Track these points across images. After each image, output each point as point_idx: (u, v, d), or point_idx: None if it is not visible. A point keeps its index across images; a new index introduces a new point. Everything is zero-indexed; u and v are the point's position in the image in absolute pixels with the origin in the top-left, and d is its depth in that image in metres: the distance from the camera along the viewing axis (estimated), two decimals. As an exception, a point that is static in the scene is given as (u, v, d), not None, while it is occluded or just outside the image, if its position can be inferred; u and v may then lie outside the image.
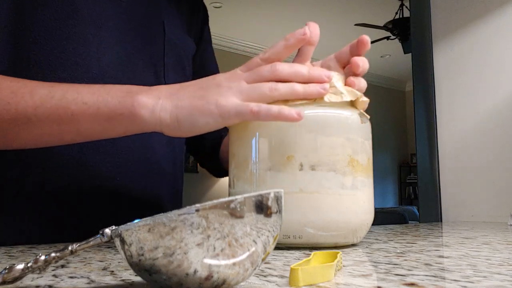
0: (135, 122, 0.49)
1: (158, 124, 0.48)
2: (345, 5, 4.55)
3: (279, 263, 0.39)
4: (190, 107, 0.48)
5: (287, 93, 0.48)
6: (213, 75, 0.51)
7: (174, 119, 0.48)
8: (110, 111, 0.49)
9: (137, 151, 0.67)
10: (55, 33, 0.61)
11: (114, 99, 0.49)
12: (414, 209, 5.28)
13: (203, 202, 0.25)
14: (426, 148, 1.28)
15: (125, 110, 0.48)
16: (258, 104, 0.47)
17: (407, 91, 7.22)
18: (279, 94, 0.48)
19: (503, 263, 0.38)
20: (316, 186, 0.48)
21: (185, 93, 0.49)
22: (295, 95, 0.49)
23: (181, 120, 0.48)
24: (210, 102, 0.47)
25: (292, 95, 0.49)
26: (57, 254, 0.28)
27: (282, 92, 0.48)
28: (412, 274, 0.33)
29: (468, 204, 1.17)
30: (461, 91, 1.22)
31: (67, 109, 0.49)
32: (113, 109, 0.49)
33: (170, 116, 0.48)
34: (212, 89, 0.49)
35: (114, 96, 0.49)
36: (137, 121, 0.48)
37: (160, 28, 0.73)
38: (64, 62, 0.61)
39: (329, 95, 0.50)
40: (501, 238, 0.61)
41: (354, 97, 0.51)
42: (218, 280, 0.25)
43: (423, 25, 1.31)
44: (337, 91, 0.50)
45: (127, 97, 0.49)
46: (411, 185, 6.92)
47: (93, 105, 0.49)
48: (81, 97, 0.49)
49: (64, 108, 0.49)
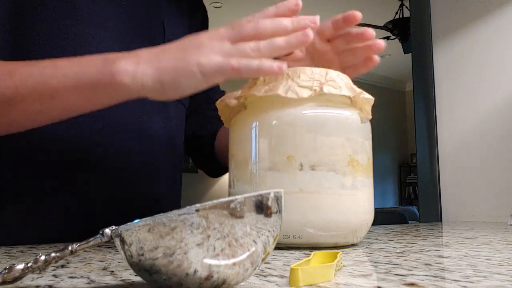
0: (117, 89, 0.48)
1: (141, 89, 0.47)
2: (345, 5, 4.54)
3: (279, 263, 0.39)
4: (171, 69, 0.47)
5: (269, 49, 0.47)
6: (196, 34, 0.50)
7: (156, 83, 0.47)
8: (91, 81, 0.48)
9: (137, 153, 0.67)
10: (54, 33, 0.61)
11: (93, 69, 0.48)
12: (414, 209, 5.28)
13: (203, 202, 0.25)
14: (426, 148, 1.28)
15: (105, 79, 0.47)
16: (238, 60, 0.46)
17: (407, 91, 7.22)
18: (261, 53, 0.47)
19: (503, 263, 0.38)
20: (316, 186, 0.48)
21: (165, 55, 0.48)
22: (278, 50, 0.48)
23: (164, 83, 0.47)
24: (191, 62, 0.47)
25: (275, 50, 0.48)
26: (57, 254, 0.28)
27: (263, 51, 0.47)
28: (412, 274, 0.33)
29: (468, 204, 1.17)
30: (461, 91, 1.22)
31: (48, 85, 0.48)
32: (93, 79, 0.48)
33: (152, 80, 0.47)
34: (193, 49, 0.48)
35: (93, 66, 0.48)
36: (119, 88, 0.47)
37: (160, 28, 0.73)
38: None
39: (327, 87, 0.50)
40: (501, 238, 0.61)
41: (353, 93, 0.51)
42: (218, 280, 0.25)
43: (423, 25, 1.31)
44: (336, 85, 0.50)
45: (106, 65, 0.48)
46: (411, 185, 6.92)
47: (73, 77, 0.48)
48: (60, 70, 0.49)
49: (44, 83, 0.48)
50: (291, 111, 0.50)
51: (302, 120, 0.49)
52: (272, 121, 0.50)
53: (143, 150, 0.68)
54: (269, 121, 0.50)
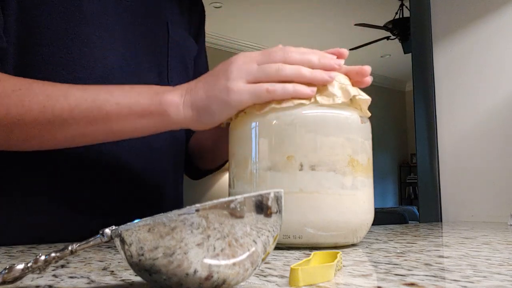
0: (163, 119, 0.52)
1: (183, 119, 0.51)
2: (345, 5, 4.55)
3: (279, 263, 0.39)
4: (205, 97, 0.50)
5: (294, 74, 0.50)
6: (230, 59, 0.52)
7: (195, 112, 0.51)
8: (141, 110, 0.52)
9: (140, 153, 0.67)
10: (60, 34, 0.61)
11: (145, 99, 0.52)
12: (414, 209, 5.28)
13: (203, 202, 0.25)
14: (426, 148, 1.28)
15: (154, 109, 0.51)
16: (272, 84, 0.49)
17: (407, 91, 7.22)
18: (285, 75, 0.50)
19: (503, 263, 0.38)
20: (316, 186, 0.48)
21: (200, 84, 0.52)
22: (301, 78, 0.50)
23: (200, 111, 0.51)
24: (221, 89, 0.50)
25: (299, 77, 0.50)
26: (57, 254, 0.28)
27: (288, 73, 0.50)
28: (412, 274, 0.33)
29: (468, 204, 1.17)
30: (461, 91, 1.22)
31: (102, 110, 0.51)
32: (144, 108, 0.52)
33: (191, 109, 0.51)
34: (221, 74, 0.51)
35: (145, 97, 0.52)
36: (165, 118, 0.51)
37: (164, 29, 0.73)
38: (69, 63, 0.61)
39: (321, 98, 0.50)
40: (501, 238, 0.61)
41: (347, 97, 0.51)
42: (218, 280, 0.25)
43: (423, 25, 1.31)
44: (329, 94, 0.50)
45: (156, 97, 0.52)
46: (411, 185, 6.92)
47: (125, 105, 0.52)
48: (114, 98, 0.52)
49: (98, 108, 0.51)
50: (291, 111, 0.50)
51: (302, 120, 0.49)
52: (272, 121, 0.50)
53: (147, 150, 0.68)
54: (269, 121, 0.50)
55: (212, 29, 4.84)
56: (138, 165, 0.67)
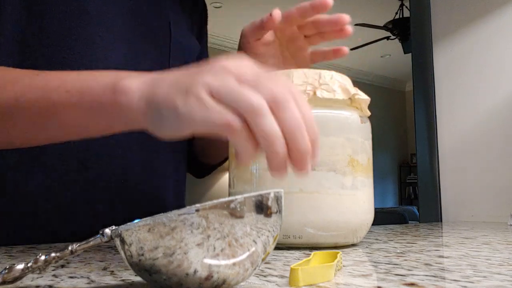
0: (114, 111, 0.39)
1: (135, 113, 0.38)
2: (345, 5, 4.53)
3: (279, 263, 0.39)
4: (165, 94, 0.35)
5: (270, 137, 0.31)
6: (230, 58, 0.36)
7: (149, 110, 0.36)
8: (92, 100, 0.40)
9: (141, 154, 0.67)
10: (63, 34, 0.61)
11: (99, 86, 0.40)
12: (414, 209, 5.27)
13: (203, 202, 0.25)
14: (426, 148, 1.28)
15: (106, 98, 0.39)
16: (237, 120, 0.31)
17: (407, 91, 7.22)
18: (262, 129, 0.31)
19: (503, 263, 0.38)
20: (316, 186, 0.48)
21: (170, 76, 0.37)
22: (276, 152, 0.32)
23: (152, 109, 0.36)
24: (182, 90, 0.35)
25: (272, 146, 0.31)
26: (57, 254, 0.28)
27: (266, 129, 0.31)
28: (412, 274, 0.33)
29: (468, 204, 1.17)
30: (461, 91, 1.22)
31: (49, 99, 0.43)
32: (96, 97, 0.40)
33: (145, 103, 0.37)
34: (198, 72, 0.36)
35: (100, 83, 0.40)
36: (116, 110, 0.39)
37: (167, 30, 0.73)
38: (71, 63, 0.61)
39: (321, 91, 0.50)
40: (501, 238, 0.61)
41: (347, 95, 0.51)
42: (218, 280, 0.25)
43: (423, 25, 1.31)
44: (329, 89, 0.50)
45: (113, 83, 0.39)
46: (411, 185, 6.92)
47: (76, 93, 0.41)
48: (65, 85, 0.42)
49: (45, 98, 0.43)
50: (291, 111, 0.50)
51: (302, 120, 0.49)
52: (272, 121, 0.50)
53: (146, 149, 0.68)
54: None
55: (212, 29, 4.83)
56: (138, 165, 0.67)
